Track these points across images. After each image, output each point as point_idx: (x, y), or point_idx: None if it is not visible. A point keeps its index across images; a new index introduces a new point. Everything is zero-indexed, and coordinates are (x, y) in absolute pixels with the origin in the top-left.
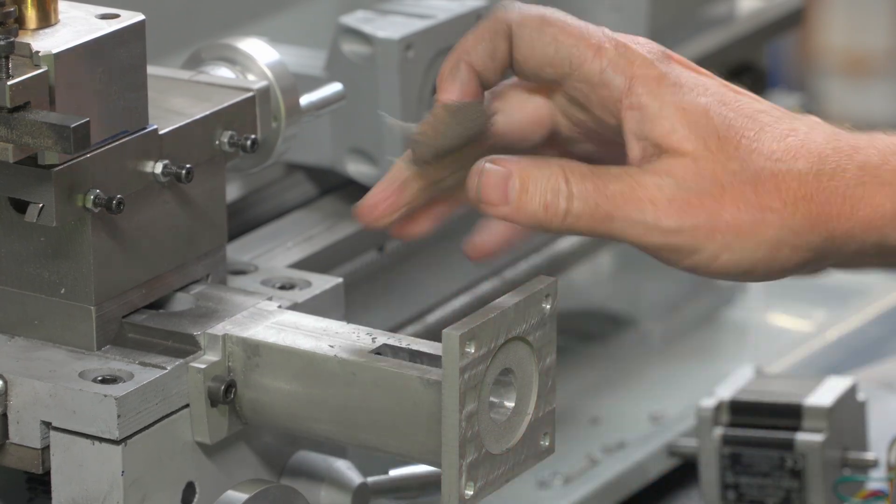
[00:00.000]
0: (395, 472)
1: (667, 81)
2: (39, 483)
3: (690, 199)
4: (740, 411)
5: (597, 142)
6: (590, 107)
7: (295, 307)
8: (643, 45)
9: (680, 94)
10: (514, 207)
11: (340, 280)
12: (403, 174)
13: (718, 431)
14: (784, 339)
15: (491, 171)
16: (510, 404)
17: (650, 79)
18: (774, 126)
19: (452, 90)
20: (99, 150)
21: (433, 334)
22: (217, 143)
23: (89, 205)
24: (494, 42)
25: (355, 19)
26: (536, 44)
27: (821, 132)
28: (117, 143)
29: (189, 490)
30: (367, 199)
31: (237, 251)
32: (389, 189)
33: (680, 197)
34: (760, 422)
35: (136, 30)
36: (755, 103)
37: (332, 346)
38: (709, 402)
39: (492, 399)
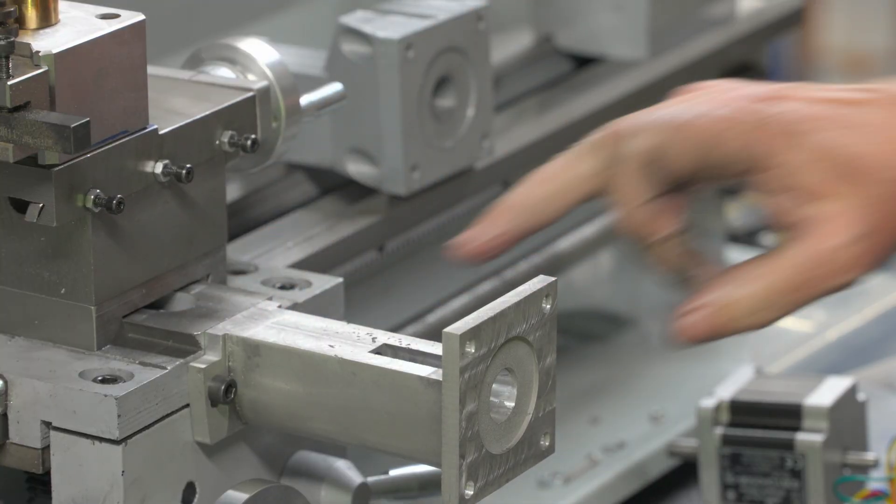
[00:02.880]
0: (395, 472)
1: (799, 130)
2: (39, 483)
3: (873, 240)
4: (740, 411)
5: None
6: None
7: (295, 307)
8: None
9: (808, 139)
10: (722, 329)
11: (340, 280)
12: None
13: (718, 431)
14: (784, 339)
15: (694, 321)
16: (510, 404)
17: (787, 135)
18: (870, 135)
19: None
20: (99, 150)
21: (433, 334)
22: (217, 143)
23: (89, 205)
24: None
25: (355, 19)
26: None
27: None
28: (117, 143)
29: (189, 490)
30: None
31: (237, 251)
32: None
33: (862, 244)
34: (760, 422)
35: (136, 30)
36: (838, 102)
37: (332, 346)
38: (709, 402)
39: (492, 399)
